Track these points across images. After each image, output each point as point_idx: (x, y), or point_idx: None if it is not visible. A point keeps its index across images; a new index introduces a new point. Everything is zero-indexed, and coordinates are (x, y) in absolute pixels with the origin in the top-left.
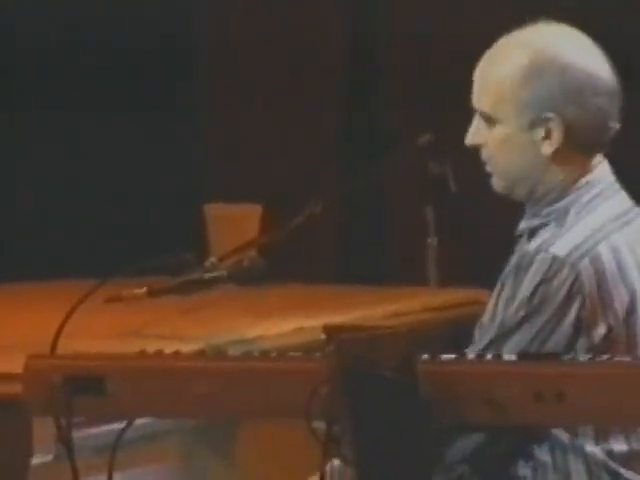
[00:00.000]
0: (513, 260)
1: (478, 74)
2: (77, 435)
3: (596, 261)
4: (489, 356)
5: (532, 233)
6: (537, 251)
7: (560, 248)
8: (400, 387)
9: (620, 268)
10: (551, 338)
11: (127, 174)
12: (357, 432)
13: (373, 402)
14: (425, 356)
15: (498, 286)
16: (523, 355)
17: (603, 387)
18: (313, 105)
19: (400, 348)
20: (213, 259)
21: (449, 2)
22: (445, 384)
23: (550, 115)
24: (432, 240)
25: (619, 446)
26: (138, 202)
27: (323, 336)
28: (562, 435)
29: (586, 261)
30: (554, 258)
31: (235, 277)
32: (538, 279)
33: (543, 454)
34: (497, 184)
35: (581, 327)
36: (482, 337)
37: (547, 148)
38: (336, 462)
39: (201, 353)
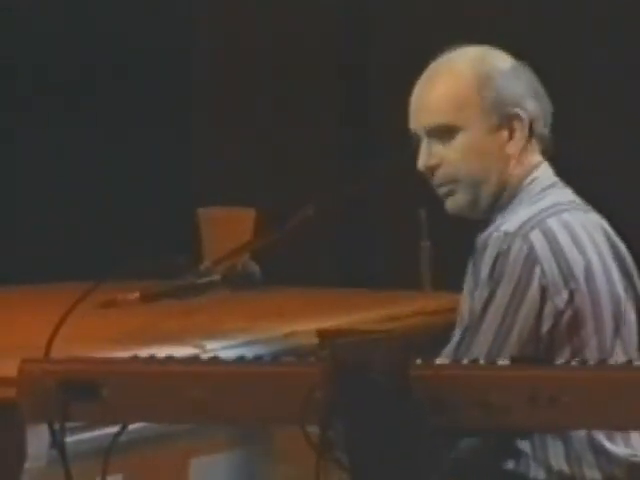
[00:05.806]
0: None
1: (419, 95)
2: (70, 440)
3: (547, 232)
4: (482, 361)
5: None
6: (489, 234)
7: (510, 226)
8: (394, 391)
9: (573, 238)
10: (521, 308)
11: (122, 177)
12: (351, 436)
13: (367, 406)
14: (419, 360)
15: (465, 284)
16: (516, 359)
17: (597, 391)
18: (312, 107)
19: (394, 352)
20: (207, 263)
21: (449, 4)
22: (439, 388)
23: (516, 111)
24: (426, 243)
25: None
26: (132, 206)
27: (317, 340)
28: None
29: (537, 231)
30: (505, 234)
31: (229, 282)
32: (494, 255)
33: (523, 444)
34: (460, 201)
35: (545, 295)
36: (457, 331)
37: (512, 148)
38: None
39: (195, 358)
